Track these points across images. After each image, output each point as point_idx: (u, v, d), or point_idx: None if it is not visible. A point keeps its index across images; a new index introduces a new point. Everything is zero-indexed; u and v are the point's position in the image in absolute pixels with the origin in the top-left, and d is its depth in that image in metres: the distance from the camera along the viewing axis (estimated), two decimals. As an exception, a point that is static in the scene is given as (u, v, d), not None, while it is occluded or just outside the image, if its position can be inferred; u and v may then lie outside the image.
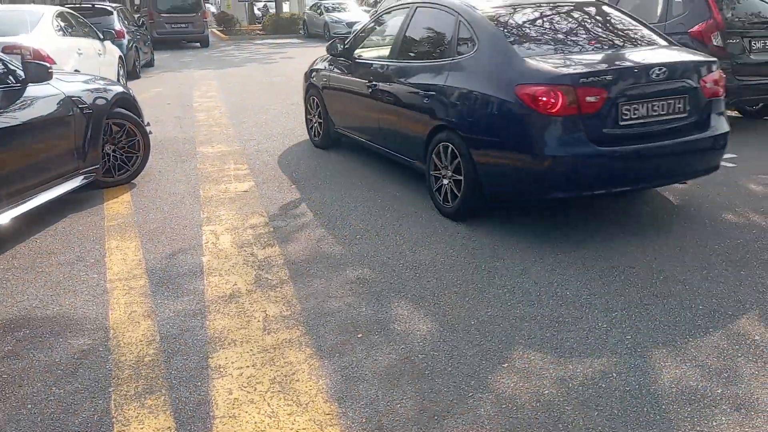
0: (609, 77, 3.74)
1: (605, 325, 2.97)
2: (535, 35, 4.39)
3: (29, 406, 2.43)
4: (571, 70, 3.77)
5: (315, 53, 18.61)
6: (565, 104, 3.64)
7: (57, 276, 3.60)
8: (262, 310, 3.18)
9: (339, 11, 24.91)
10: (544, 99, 3.65)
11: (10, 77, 4.32)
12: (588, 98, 3.66)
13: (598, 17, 4.74)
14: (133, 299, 3.31)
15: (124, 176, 5.35)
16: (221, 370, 2.66)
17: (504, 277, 3.49)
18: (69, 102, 4.69)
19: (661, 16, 7.00)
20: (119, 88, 5.52)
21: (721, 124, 4.11)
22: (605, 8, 4.87)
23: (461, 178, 4.18)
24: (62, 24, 8.22)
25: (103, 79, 5.85)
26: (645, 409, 2.36)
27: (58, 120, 4.58)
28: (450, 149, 4.26)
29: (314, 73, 6.55)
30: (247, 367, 2.69)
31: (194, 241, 4.13)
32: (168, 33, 20.91)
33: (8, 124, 4.09)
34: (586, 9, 4.77)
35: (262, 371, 2.65)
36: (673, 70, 3.93)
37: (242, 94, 10.57)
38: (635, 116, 3.80)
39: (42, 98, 4.48)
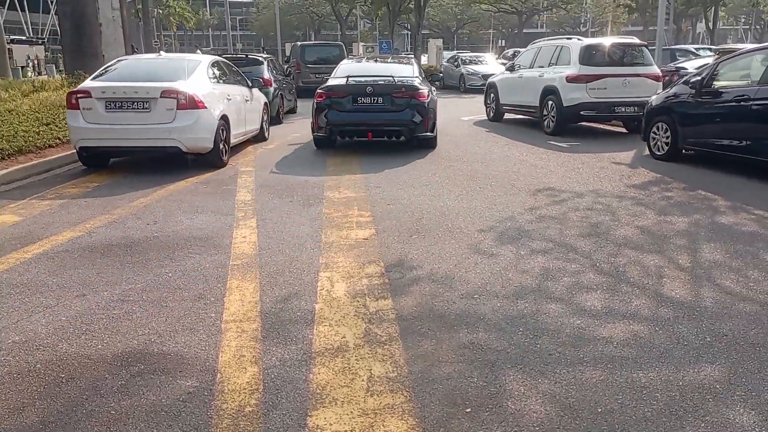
0: None
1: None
2: None
3: (131, 444, 2.44)
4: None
5: (448, 103, 18.85)
6: None
7: (179, 312, 3.71)
8: (368, 368, 3.03)
9: (476, 64, 25.16)
10: None
11: None
12: None
13: None
14: (244, 343, 3.31)
15: None
16: (318, 431, 2.53)
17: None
18: None
19: None
20: None
21: None
22: None
23: None
24: (216, 72, 8.91)
25: None
26: None
27: None
28: None
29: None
30: (345, 431, 2.52)
31: (310, 286, 4.11)
32: (312, 82, 22.08)
33: None
34: None
35: (360, 438, 2.48)
36: None
37: (375, 141, 10.77)
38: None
39: None
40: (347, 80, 9.67)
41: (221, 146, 8.20)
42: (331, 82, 9.97)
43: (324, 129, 9.56)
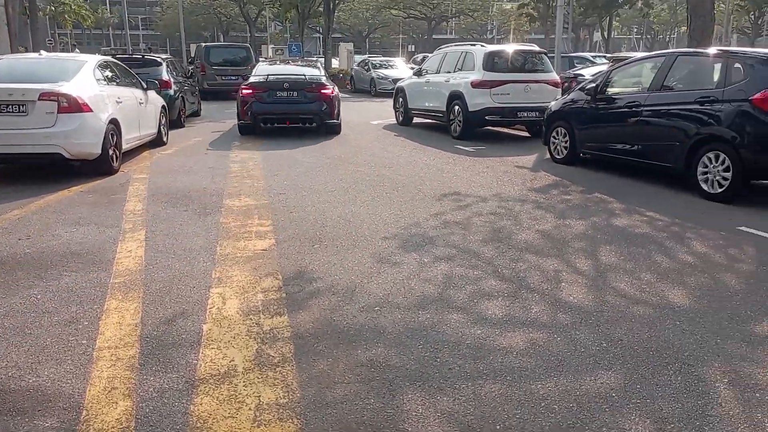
0: None
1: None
2: None
3: (-33, 506, 2.08)
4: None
5: (359, 107, 18.76)
6: None
7: (45, 340, 3.30)
8: (256, 395, 2.79)
9: (386, 68, 25.29)
10: None
11: None
12: None
13: None
14: (117, 373, 2.97)
15: None
16: (194, 472, 2.26)
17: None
18: None
19: (719, 83, 6.62)
20: None
21: None
22: None
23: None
24: (104, 73, 8.29)
25: None
26: None
27: None
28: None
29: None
30: (225, 470, 2.28)
31: (199, 305, 3.79)
32: (218, 84, 21.45)
33: None
34: None
35: (242, 477, 2.24)
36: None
37: (279, 146, 10.48)
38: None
39: None
40: (267, 78, 11.64)
41: (111, 152, 7.62)
42: (253, 79, 11.90)
43: (249, 118, 11.43)
